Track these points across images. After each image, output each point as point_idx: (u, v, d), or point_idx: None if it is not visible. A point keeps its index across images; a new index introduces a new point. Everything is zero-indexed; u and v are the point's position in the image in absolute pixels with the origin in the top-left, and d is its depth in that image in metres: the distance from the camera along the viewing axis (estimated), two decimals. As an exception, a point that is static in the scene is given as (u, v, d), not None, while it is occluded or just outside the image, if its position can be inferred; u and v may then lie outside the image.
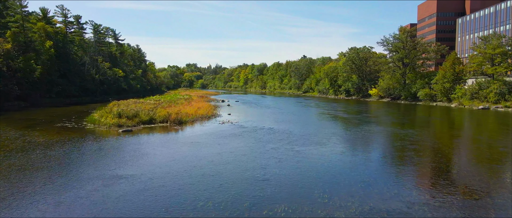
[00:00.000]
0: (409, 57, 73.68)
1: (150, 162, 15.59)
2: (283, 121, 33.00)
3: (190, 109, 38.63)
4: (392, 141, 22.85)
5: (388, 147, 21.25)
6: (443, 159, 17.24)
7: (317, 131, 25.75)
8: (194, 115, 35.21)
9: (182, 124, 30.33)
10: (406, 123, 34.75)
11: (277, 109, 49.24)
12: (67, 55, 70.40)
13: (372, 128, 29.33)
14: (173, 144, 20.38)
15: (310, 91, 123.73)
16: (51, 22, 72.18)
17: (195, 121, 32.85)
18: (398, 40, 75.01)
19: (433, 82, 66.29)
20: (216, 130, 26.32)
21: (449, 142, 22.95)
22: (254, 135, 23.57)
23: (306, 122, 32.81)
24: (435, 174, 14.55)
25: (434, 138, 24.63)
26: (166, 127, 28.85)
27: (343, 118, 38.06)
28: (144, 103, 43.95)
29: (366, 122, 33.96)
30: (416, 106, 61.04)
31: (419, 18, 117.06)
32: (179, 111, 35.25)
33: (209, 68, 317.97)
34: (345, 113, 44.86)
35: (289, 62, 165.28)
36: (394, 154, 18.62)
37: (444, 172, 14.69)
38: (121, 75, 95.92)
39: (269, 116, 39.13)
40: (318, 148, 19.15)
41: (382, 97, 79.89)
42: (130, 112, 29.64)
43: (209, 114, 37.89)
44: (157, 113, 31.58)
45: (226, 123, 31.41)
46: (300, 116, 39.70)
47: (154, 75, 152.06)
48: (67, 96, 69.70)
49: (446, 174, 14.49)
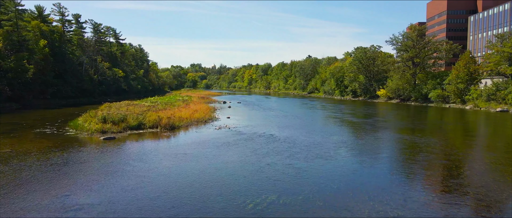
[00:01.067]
0: (420, 56, 70.23)
1: (114, 185, 12.62)
2: (285, 127, 29.97)
3: (186, 112, 35.75)
4: (409, 153, 19.71)
5: (406, 162, 18.14)
6: (469, 179, 14.11)
7: (323, 140, 22.68)
8: (189, 119, 32.32)
9: (174, 130, 27.45)
10: (421, 129, 31.53)
11: (280, 112, 46.22)
12: (63, 55, 67.89)
13: (385, 136, 26.21)
14: (154, 156, 17.44)
15: (315, 92, 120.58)
16: (47, 21, 69.76)
17: (189, 126, 29.95)
18: (408, 38, 71.57)
19: (445, 83, 62.81)
20: (209, 138, 23.38)
21: (471, 152, 19.78)
22: (251, 145, 20.57)
23: (311, 128, 29.74)
24: (460, 197, 11.47)
25: (454, 147, 21.49)
26: (156, 133, 25.98)
27: (352, 123, 34.93)
28: (138, 105, 41.17)
29: (377, 128, 30.84)
30: (428, 108, 57.67)
31: (429, 16, 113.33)
32: (172, 115, 32.38)
33: (214, 68, 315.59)
34: (353, 117, 41.71)
35: (294, 62, 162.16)
36: (413, 172, 15.52)
37: (470, 196, 11.59)
38: (121, 75, 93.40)
39: (271, 120, 36.11)
40: (324, 164, 16.04)
41: (391, 98, 76.52)
42: (116, 117, 26.79)
43: (206, 118, 34.98)
44: (147, 117, 28.72)
45: (223, 128, 28.46)
46: (305, 120, 36.65)
47: (156, 75, 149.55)
48: (63, 97, 67.21)
49: (473, 199, 11.40)
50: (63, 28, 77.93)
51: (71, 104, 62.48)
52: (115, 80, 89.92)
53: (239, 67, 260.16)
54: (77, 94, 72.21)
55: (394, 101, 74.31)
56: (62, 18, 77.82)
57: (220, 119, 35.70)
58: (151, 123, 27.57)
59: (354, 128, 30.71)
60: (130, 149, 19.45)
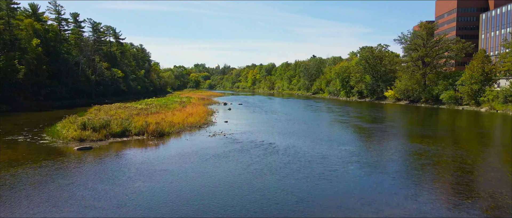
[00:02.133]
0: (430, 55, 66.84)
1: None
2: (287, 134, 26.94)
3: (179, 116, 32.86)
4: (435, 173, 16.63)
5: (436, 190, 15.06)
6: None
7: (329, 152, 19.64)
8: (182, 124, 29.42)
9: (163, 137, 24.56)
10: (441, 136, 28.34)
11: (283, 115, 43.19)
12: (58, 54, 65.29)
13: (399, 146, 23.11)
14: (126, 174, 14.50)
15: (320, 92, 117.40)
16: (41, 19, 67.22)
17: (181, 132, 27.04)
18: (418, 36, 68.18)
19: (458, 83, 59.44)
20: (199, 148, 20.43)
21: (495, 165, 16.67)
22: (244, 159, 17.56)
23: (315, 136, 26.68)
24: None
25: (483, 160, 18.37)
26: (141, 141, 23.11)
27: (360, 129, 31.79)
28: (130, 108, 38.39)
29: (389, 136, 27.74)
30: (439, 111, 54.37)
31: (437, 15, 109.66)
32: (163, 119, 29.49)
33: (217, 68, 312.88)
34: (361, 121, 38.56)
35: (298, 62, 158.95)
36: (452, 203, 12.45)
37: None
38: (120, 75, 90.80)
39: (273, 125, 33.09)
40: (328, 188, 12.88)
41: (399, 100, 73.19)
42: (97, 123, 23.92)
43: (200, 123, 32.05)
44: (133, 123, 25.83)
45: (217, 135, 25.51)
46: (309, 125, 33.58)
47: (158, 75, 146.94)
48: (57, 98, 64.65)
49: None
50: (59, 27, 75.46)
51: (66, 106, 59.91)
52: (114, 80, 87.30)
53: (242, 67, 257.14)
54: (73, 95, 69.66)
55: (402, 102, 70.98)
56: (58, 16, 75.40)
57: (216, 124, 32.76)
58: (137, 130, 24.68)
59: (364, 135, 27.61)
60: (102, 164, 16.53)
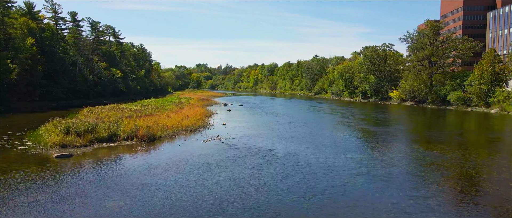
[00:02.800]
0: (437, 54, 64.67)
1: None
2: (289, 138, 24.99)
3: (175, 119, 31.00)
4: (457, 189, 14.67)
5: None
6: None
7: (333, 161, 17.69)
8: (176, 127, 27.54)
9: (154, 142, 22.70)
10: (453, 141, 26.32)
11: (284, 117, 41.23)
12: (53, 54, 63.58)
13: (411, 153, 21.11)
14: (99, 189, 12.61)
15: (323, 93, 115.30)
16: (37, 18, 65.52)
17: (174, 136, 25.15)
18: (424, 35, 66.01)
19: (466, 84, 57.28)
20: (190, 155, 18.53)
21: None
22: (238, 169, 15.62)
23: (319, 141, 24.73)
24: None
25: None
26: (130, 146, 21.27)
27: (367, 133, 29.78)
28: (123, 109, 36.58)
29: (399, 141, 25.77)
30: (447, 112, 52.26)
31: (443, 13, 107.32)
32: (156, 122, 27.62)
33: (219, 68, 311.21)
34: (367, 124, 36.54)
35: (300, 61, 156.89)
36: None
37: None
38: (119, 75, 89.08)
39: (273, 128, 31.15)
40: (336, 208, 11.05)
41: (404, 100, 71.03)
42: (82, 127, 22.07)
43: (197, 125, 30.16)
44: (122, 126, 23.97)
45: (213, 140, 23.60)
46: (312, 128, 31.60)
47: (158, 75, 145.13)
48: (53, 99, 62.99)
49: None
50: (56, 26, 73.81)
51: (62, 106, 58.27)
52: (113, 80, 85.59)
53: (244, 67, 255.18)
54: (70, 95, 67.99)
55: (408, 103, 68.83)
56: (55, 15, 73.71)
57: (213, 127, 30.85)
58: (126, 134, 22.81)
59: (371, 140, 25.62)
60: (76, 176, 14.63)
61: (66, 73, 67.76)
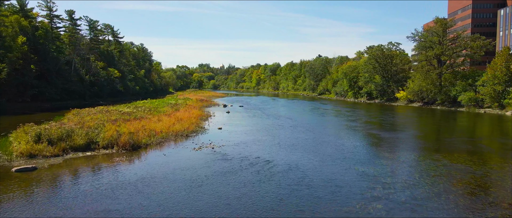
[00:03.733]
0: (447, 53, 61.68)
1: None
2: (290, 147, 22.27)
3: (166, 122, 28.37)
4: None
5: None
6: None
7: (344, 177, 14.96)
8: (166, 132, 24.90)
9: (139, 150, 20.11)
10: (476, 149, 23.50)
11: (287, 121, 38.50)
12: (46, 53, 61.17)
13: (435, 166, 18.34)
14: (44, 213, 10.01)
15: (326, 93, 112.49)
16: (30, 16, 63.10)
17: (162, 142, 22.52)
18: (433, 33, 63.01)
19: (478, 84, 54.34)
20: (173, 168, 15.87)
21: None
22: (227, 189, 12.91)
23: (324, 150, 21.98)
24: None
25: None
26: (109, 156, 18.67)
27: (379, 140, 26.93)
28: (112, 112, 33.96)
29: (418, 150, 23.00)
30: (459, 114, 49.36)
31: (450, 12, 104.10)
32: (143, 127, 25.00)
33: (222, 68, 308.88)
34: (377, 128, 33.73)
35: (303, 61, 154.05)
36: None
37: None
38: (117, 75, 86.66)
39: (274, 133, 28.44)
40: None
41: (412, 101, 68.13)
42: (55, 133, 19.48)
43: (190, 130, 27.50)
44: (102, 132, 21.35)
45: (204, 148, 20.94)
46: (317, 133, 28.85)
47: (159, 75, 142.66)
48: (46, 99, 60.61)
49: None
50: (50, 24, 71.41)
51: (56, 108, 55.84)
52: (110, 81, 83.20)
53: (247, 67, 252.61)
54: (64, 96, 65.58)
55: (415, 104, 65.91)
56: (50, 13, 71.29)
57: (208, 131, 28.18)
58: (106, 141, 20.20)
59: (383, 148, 22.84)
60: (24, 198, 11.98)
61: (61, 73, 65.39)
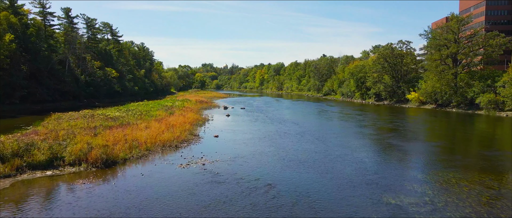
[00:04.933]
0: (463, 52, 57.63)
1: None
2: (297, 164, 18.53)
3: (154, 129, 24.74)
4: None
5: None
6: None
7: (370, 212, 11.26)
8: (152, 142, 21.28)
9: (115, 166, 16.52)
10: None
11: (292, 126, 34.76)
12: (37, 52, 57.84)
13: (490, 197, 14.61)
14: None
15: (332, 94, 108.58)
16: (20, 12, 59.78)
17: (145, 156, 18.89)
18: (449, 30, 58.91)
19: (498, 85, 50.31)
20: (145, 198, 12.22)
21: None
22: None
23: (339, 170, 18.22)
24: None
25: None
26: (74, 175, 15.10)
27: (406, 154, 23.01)
28: (97, 117, 30.39)
29: (450, 166, 19.25)
30: (478, 118, 45.42)
31: (462, 9, 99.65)
32: (125, 136, 21.38)
33: (225, 68, 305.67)
34: (395, 136, 29.86)
35: (308, 61, 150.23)
36: None
37: None
38: (115, 75, 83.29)
39: (277, 144, 24.73)
40: None
41: (424, 103, 64.11)
42: (9, 148, 15.91)
43: (181, 138, 23.83)
44: (71, 145, 17.75)
45: (193, 164, 17.28)
46: (327, 144, 25.08)
47: (160, 75, 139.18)
48: (37, 101, 57.29)
49: None
50: (44, 21, 68.19)
51: (47, 109, 52.39)
52: (107, 81, 79.82)
53: (250, 67, 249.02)
54: (57, 97, 62.26)
55: (428, 106, 61.87)
56: (43, 10, 68.06)
57: (201, 141, 24.51)
58: (74, 157, 16.60)
59: (414, 167, 18.95)
60: None
61: (53, 72, 62.07)
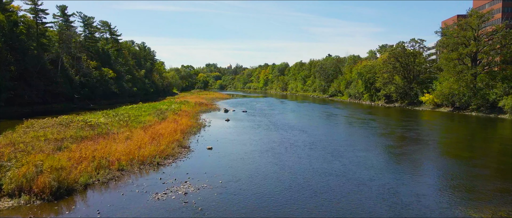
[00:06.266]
0: (484, 50, 53.15)
1: None
2: (311, 193, 14.44)
3: (136, 140, 20.76)
4: None
5: None
6: None
7: None
8: (127, 159, 17.28)
9: (70, 197, 12.56)
10: None
11: (298, 134, 30.64)
12: (24, 51, 54.14)
13: None
14: None
15: (338, 95, 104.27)
16: (8, 9, 56.10)
17: (115, 179, 14.90)
18: (468, 27, 54.38)
19: (524, 87, 45.89)
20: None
21: None
22: None
23: (368, 204, 14.14)
24: None
25: None
26: (14, 210, 11.15)
27: (450, 177, 18.96)
28: (75, 123, 26.46)
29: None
30: (501, 122, 41.03)
31: (476, 6, 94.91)
32: (95, 152, 17.40)
33: (229, 68, 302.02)
34: (425, 149, 25.58)
35: (313, 61, 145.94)
36: None
37: None
38: (112, 76, 79.65)
39: (283, 160, 20.64)
40: None
41: (439, 106, 59.67)
42: None
43: (165, 153, 19.78)
44: (13, 169, 13.77)
45: (172, 193, 13.21)
46: (344, 160, 20.92)
47: (161, 76, 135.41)
48: (26, 103, 53.65)
49: None
50: (36, 19, 64.57)
51: (37, 112, 48.89)
52: (103, 81, 76.18)
53: (255, 67, 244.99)
54: (48, 99, 58.58)
55: (444, 109, 57.42)
56: (35, 7, 64.44)
57: (190, 155, 20.44)
58: (14, 185, 12.63)
59: (464, 193, 14.91)
60: None
61: (43, 73, 58.34)
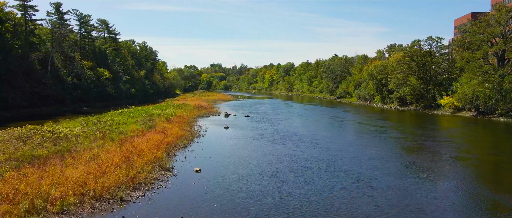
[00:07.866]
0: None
1: None
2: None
3: (103, 162, 16.07)
4: None
5: None
6: None
7: None
8: (78, 192, 12.59)
9: None
10: None
11: (311, 149, 25.74)
12: (7, 50, 49.81)
13: None
14: None
15: (347, 96, 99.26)
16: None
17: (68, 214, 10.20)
18: (495, 23, 49.14)
19: (563, 90, 40.60)
20: None
21: None
22: None
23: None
24: None
25: None
26: None
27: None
28: (39, 135, 21.84)
29: None
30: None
31: (494, 2, 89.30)
32: (32, 183, 12.72)
33: (234, 68, 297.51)
34: (482, 177, 20.73)
35: (319, 61, 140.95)
36: None
37: None
38: (108, 76, 75.33)
39: (291, 193, 15.75)
40: None
41: (460, 110, 54.43)
42: None
43: (137, 180, 15.04)
44: None
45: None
46: (377, 192, 16.07)
47: (162, 76, 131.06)
48: (10, 107, 49.39)
49: None
50: (25, 16, 60.34)
51: (23, 117, 44.84)
52: (98, 82, 71.85)
53: (259, 67, 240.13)
54: (35, 102, 54.28)
55: (466, 113, 52.17)
56: (24, 3, 60.18)
57: (168, 185, 15.55)
58: None
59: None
60: None
61: (30, 74, 54.08)
